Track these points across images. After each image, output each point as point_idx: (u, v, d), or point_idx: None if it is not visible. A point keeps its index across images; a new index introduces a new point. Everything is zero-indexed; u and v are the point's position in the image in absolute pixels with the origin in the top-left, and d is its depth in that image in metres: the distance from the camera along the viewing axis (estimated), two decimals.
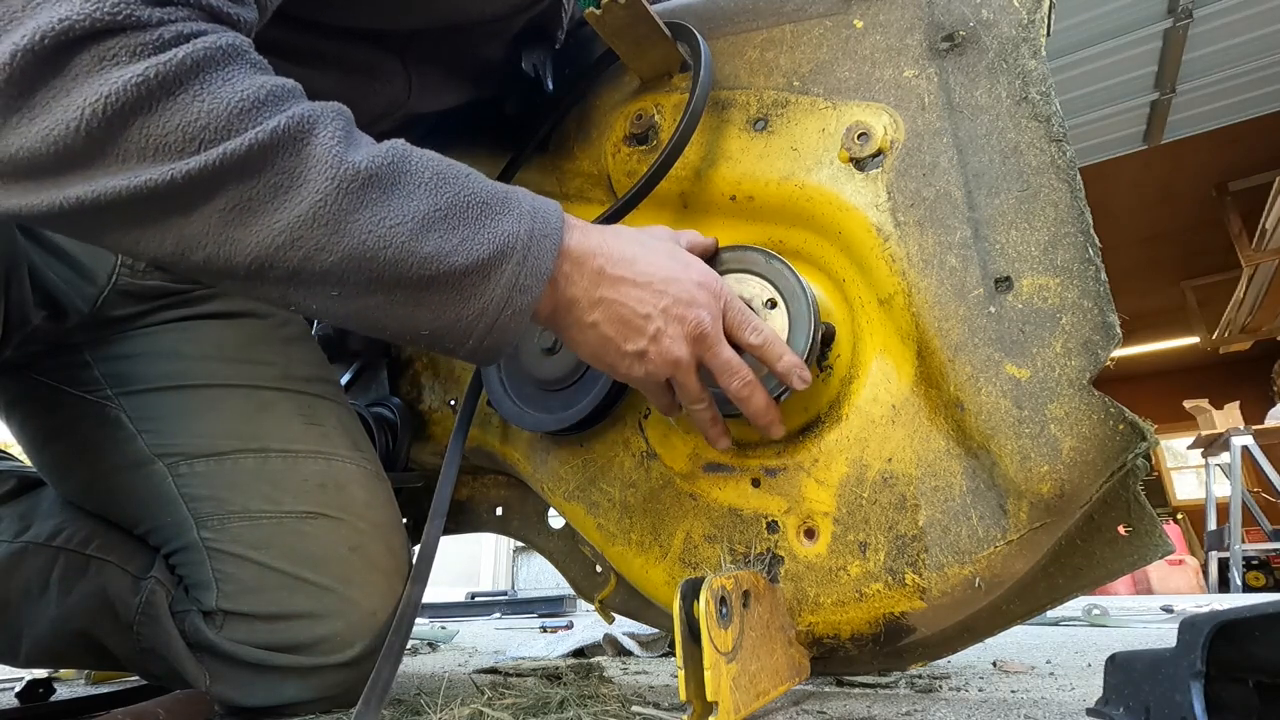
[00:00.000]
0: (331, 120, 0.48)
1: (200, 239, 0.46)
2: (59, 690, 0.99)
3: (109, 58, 0.42)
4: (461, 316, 0.52)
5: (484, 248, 0.51)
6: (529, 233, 0.53)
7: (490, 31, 0.81)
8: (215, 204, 0.45)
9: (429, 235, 0.49)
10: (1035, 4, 0.66)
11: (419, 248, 0.49)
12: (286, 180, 0.45)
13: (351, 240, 0.47)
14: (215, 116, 0.44)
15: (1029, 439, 0.60)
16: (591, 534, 0.83)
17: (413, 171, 0.50)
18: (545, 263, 0.53)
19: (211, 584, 0.71)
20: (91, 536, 0.75)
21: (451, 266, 0.50)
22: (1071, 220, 0.61)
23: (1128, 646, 0.62)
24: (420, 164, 0.51)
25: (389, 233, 0.48)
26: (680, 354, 0.60)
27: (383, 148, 0.50)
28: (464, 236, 0.50)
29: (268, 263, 0.47)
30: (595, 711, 0.63)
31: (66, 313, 0.72)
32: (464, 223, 0.51)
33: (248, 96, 0.45)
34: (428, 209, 0.50)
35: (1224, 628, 0.39)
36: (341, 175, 0.46)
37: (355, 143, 0.49)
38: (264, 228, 0.46)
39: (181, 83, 0.43)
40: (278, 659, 0.70)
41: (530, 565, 5.42)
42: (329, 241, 0.47)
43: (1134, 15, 3.17)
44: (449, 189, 0.51)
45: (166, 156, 0.43)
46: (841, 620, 0.68)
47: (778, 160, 0.75)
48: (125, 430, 0.74)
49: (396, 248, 0.48)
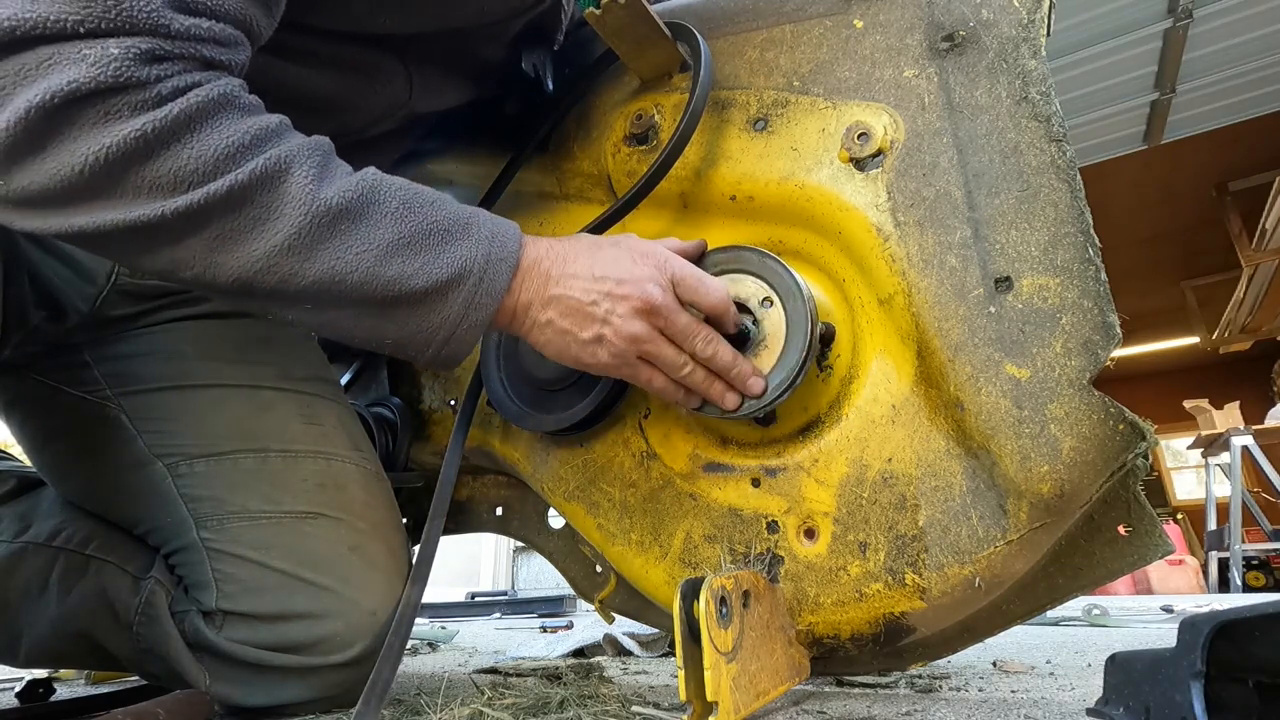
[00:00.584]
0: (307, 158, 0.53)
1: (189, 261, 0.52)
2: (59, 690, 0.99)
3: (112, 113, 0.47)
4: (422, 329, 0.58)
5: (443, 271, 0.57)
6: (485, 256, 0.59)
7: (490, 33, 0.81)
8: (201, 235, 0.51)
9: (393, 260, 0.55)
10: (1035, 4, 0.66)
11: (383, 271, 0.55)
12: (264, 214, 0.52)
13: (321, 266, 0.53)
14: (203, 161, 0.50)
15: (1029, 439, 0.60)
16: (591, 534, 0.83)
17: (380, 202, 0.56)
18: (500, 282, 0.60)
19: (211, 584, 0.71)
20: (91, 536, 0.76)
21: (413, 288, 0.56)
22: (1071, 220, 0.61)
23: (1128, 646, 0.62)
24: (388, 194, 0.57)
25: (356, 259, 0.54)
26: (636, 329, 0.63)
27: (354, 180, 0.55)
28: (425, 261, 0.56)
29: (248, 284, 0.53)
30: (595, 711, 0.63)
31: (66, 312, 0.72)
32: (426, 248, 0.57)
33: (232, 142, 0.51)
34: (392, 237, 0.56)
35: (1224, 628, 0.39)
36: (314, 210, 0.52)
37: (329, 176, 0.55)
38: (244, 255, 0.52)
39: (174, 134, 0.49)
40: (278, 659, 0.70)
41: (530, 565, 5.42)
42: (301, 268, 0.53)
43: (1134, 15, 3.17)
44: (413, 218, 0.57)
45: (159, 195, 0.49)
46: (841, 620, 0.68)
47: (778, 160, 0.75)
48: (125, 430, 0.74)
49: (362, 272, 0.54)
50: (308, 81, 0.71)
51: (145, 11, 0.47)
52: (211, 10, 0.51)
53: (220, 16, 0.52)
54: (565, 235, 0.69)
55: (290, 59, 0.68)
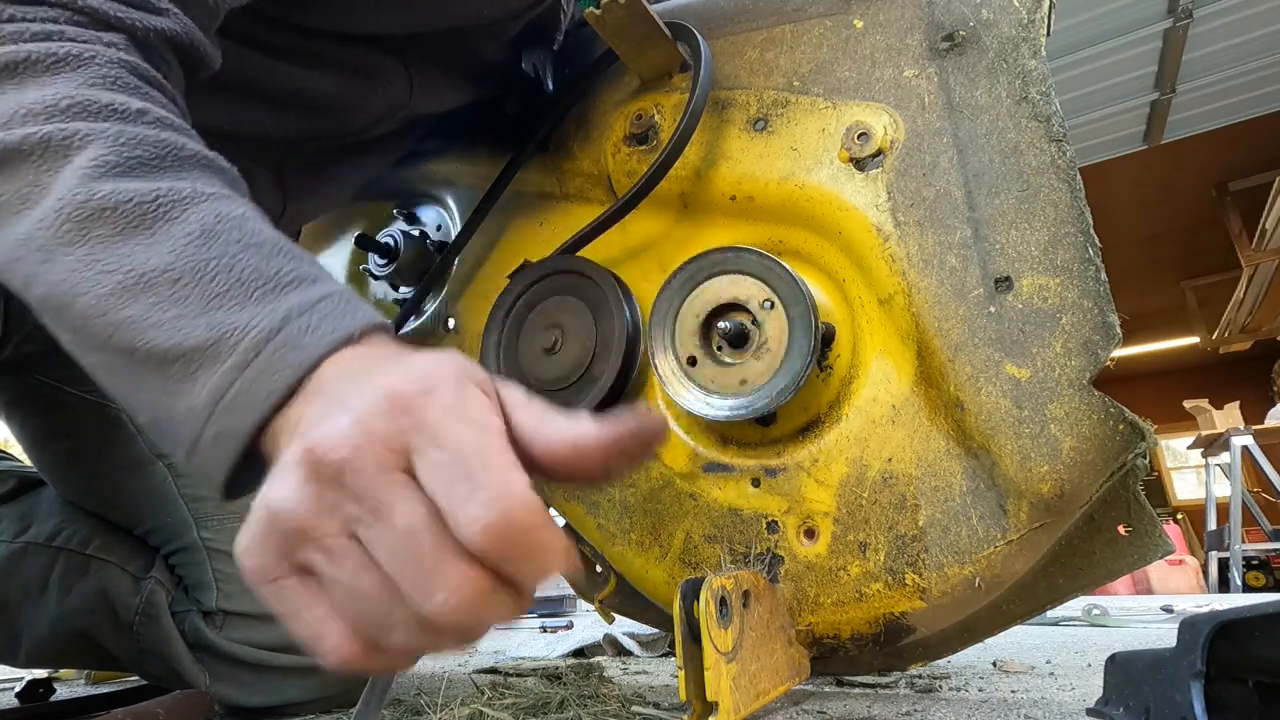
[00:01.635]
0: (118, 145, 0.41)
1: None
2: (59, 690, 0.99)
3: None
4: (168, 416, 0.38)
5: (196, 332, 0.37)
6: (268, 335, 0.36)
7: (490, 33, 0.81)
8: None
9: (140, 297, 0.38)
10: (1035, 4, 0.66)
11: (118, 307, 0.38)
12: (34, 195, 0.40)
13: (56, 274, 0.39)
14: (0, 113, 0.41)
15: (1029, 439, 0.60)
16: (591, 534, 0.83)
17: (178, 219, 0.40)
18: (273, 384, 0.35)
19: (211, 584, 0.71)
20: (91, 536, 0.76)
21: (148, 343, 0.37)
22: (1071, 220, 0.61)
23: (1128, 646, 0.62)
24: (200, 215, 0.40)
25: (94, 278, 0.38)
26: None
27: (165, 186, 0.41)
28: (181, 312, 0.37)
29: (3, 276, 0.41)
30: (595, 711, 0.63)
31: None
32: (195, 297, 0.38)
33: (43, 102, 0.41)
34: (157, 266, 0.38)
35: (1224, 628, 0.39)
36: (70, 200, 0.39)
37: (131, 175, 0.41)
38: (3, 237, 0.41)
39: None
40: (278, 659, 0.70)
41: None
42: (39, 269, 0.39)
43: (1134, 15, 3.17)
44: (204, 251, 0.39)
45: None
46: (841, 620, 0.68)
47: (778, 160, 0.75)
48: (126, 430, 0.74)
49: (92, 299, 0.38)
50: (308, 83, 0.71)
51: None
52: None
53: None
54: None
55: (291, 60, 0.68)
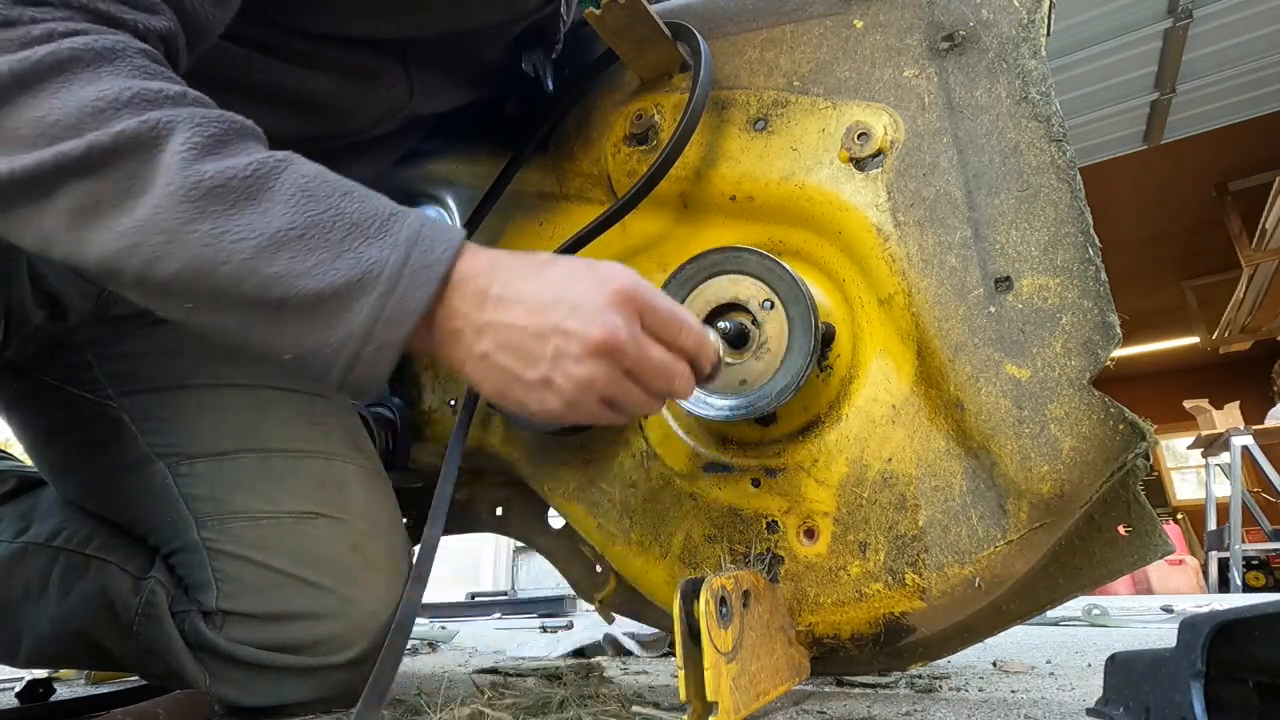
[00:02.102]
0: (195, 127, 0.46)
1: (54, 236, 0.46)
2: (59, 690, 0.99)
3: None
4: (321, 346, 0.47)
5: (341, 273, 0.46)
6: (401, 260, 0.47)
7: (491, 37, 0.81)
8: (60, 202, 0.44)
9: (278, 254, 0.45)
10: (1035, 4, 0.66)
11: (263, 266, 0.45)
12: (135, 186, 0.44)
13: (187, 252, 0.45)
14: (65, 114, 0.43)
15: (1029, 439, 0.60)
16: (591, 534, 0.83)
17: (275, 187, 0.47)
18: (418, 296, 0.48)
19: (211, 584, 0.71)
20: (91, 536, 0.76)
21: (301, 290, 0.46)
22: (1071, 220, 0.61)
23: (1128, 646, 0.62)
24: (289, 178, 0.47)
25: (231, 248, 0.45)
26: (590, 372, 0.50)
27: (249, 159, 0.47)
28: (319, 259, 0.46)
29: (112, 267, 0.45)
30: (595, 711, 0.63)
31: (67, 311, 0.72)
32: (323, 244, 0.46)
33: (105, 97, 0.44)
34: (281, 226, 0.46)
35: (1224, 628, 0.39)
36: (182, 183, 0.44)
37: (221, 154, 0.46)
38: (107, 231, 0.45)
39: (40, 79, 0.43)
40: (278, 659, 0.70)
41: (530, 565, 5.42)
42: (165, 250, 0.45)
43: (1134, 15, 3.17)
44: (313, 207, 0.47)
45: (16, 149, 0.43)
46: (841, 620, 0.68)
47: (778, 160, 0.75)
48: (126, 430, 0.74)
49: (235, 265, 0.45)
50: (308, 84, 0.71)
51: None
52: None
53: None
54: (532, 249, 0.59)
55: (291, 62, 0.68)
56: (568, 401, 0.52)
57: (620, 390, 0.52)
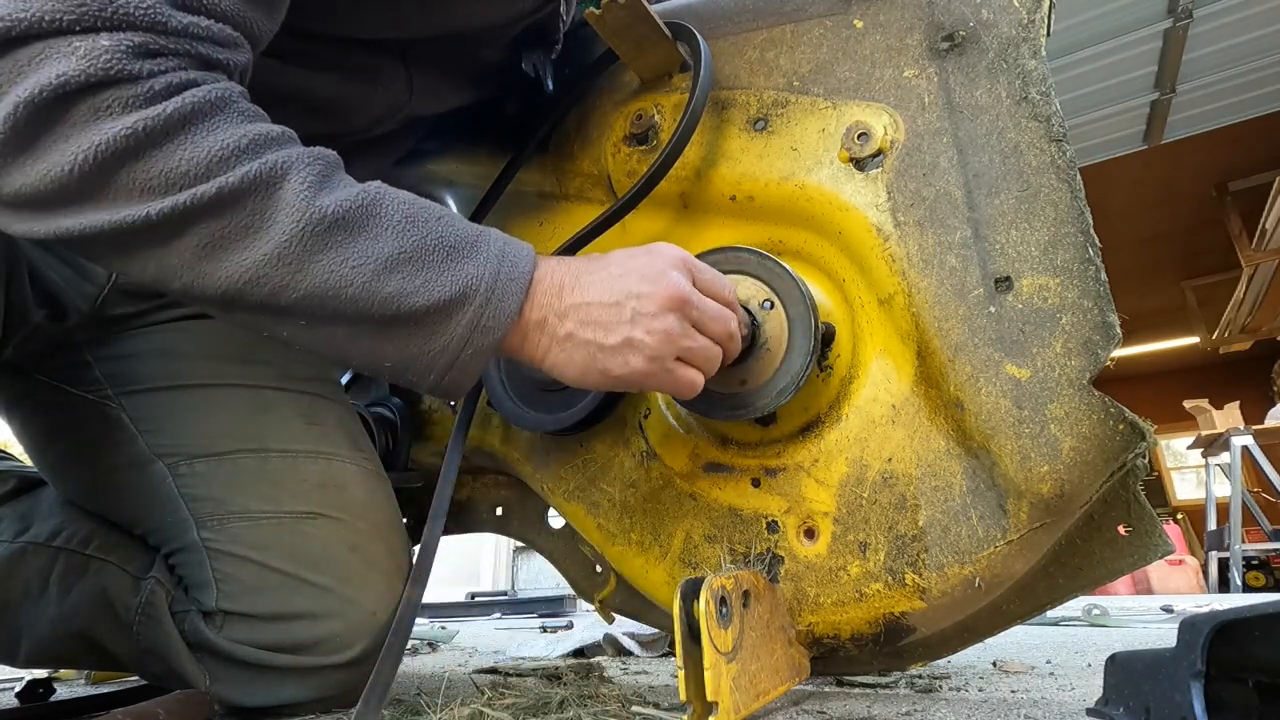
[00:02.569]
0: (306, 166, 0.51)
1: (177, 270, 0.50)
2: (59, 690, 0.99)
3: (103, 109, 0.46)
4: (424, 353, 0.55)
5: (446, 290, 0.53)
6: (494, 276, 0.55)
7: (491, 37, 0.81)
8: (187, 240, 0.49)
9: (392, 276, 0.52)
10: (1035, 4, 0.66)
11: (380, 287, 0.52)
12: (257, 221, 0.49)
13: (314, 280, 0.50)
14: (195, 163, 0.47)
15: (1029, 439, 0.60)
16: (591, 534, 0.83)
17: (382, 215, 0.53)
18: (510, 305, 0.56)
19: (211, 584, 0.71)
20: (91, 536, 0.76)
21: (413, 306, 0.53)
22: (1071, 220, 0.61)
23: (1128, 646, 0.62)
24: (392, 207, 0.54)
25: (351, 273, 0.51)
26: (669, 324, 0.59)
27: (355, 191, 0.53)
28: (427, 278, 0.53)
29: (237, 296, 0.50)
30: (595, 711, 0.63)
31: (67, 312, 0.72)
32: (428, 265, 0.53)
33: (228, 145, 0.48)
34: (392, 251, 0.52)
35: (1224, 628, 0.39)
36: (307, 219, 0.50)
37: (330, 187, 0.52)
38: (233, 264, 0.49)
39: (167, 133, 0.47)
40: (278, 659, 0.70)
41: (530, 565, 5.42)
42: (293, 280, 0.50)
43: (1134, 15, 3.17)
44: (417, 232, 0.54)
45: (149, 197, 0.47)
46: (841, 620, 0.68)
47: (778, 160, 0.75)
48: (126, 430, 0.74)
49: (358, 287, 0.51)
50: (309, 83, 0.71)
51: (140, 8, 0.46)
52: (210, 9, 0.50)
53: (219, 17, 0.51)
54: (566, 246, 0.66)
55: (291, 62, 0.68)
56: (650, 356, 0.59)
57: (693, 341, 0.61)
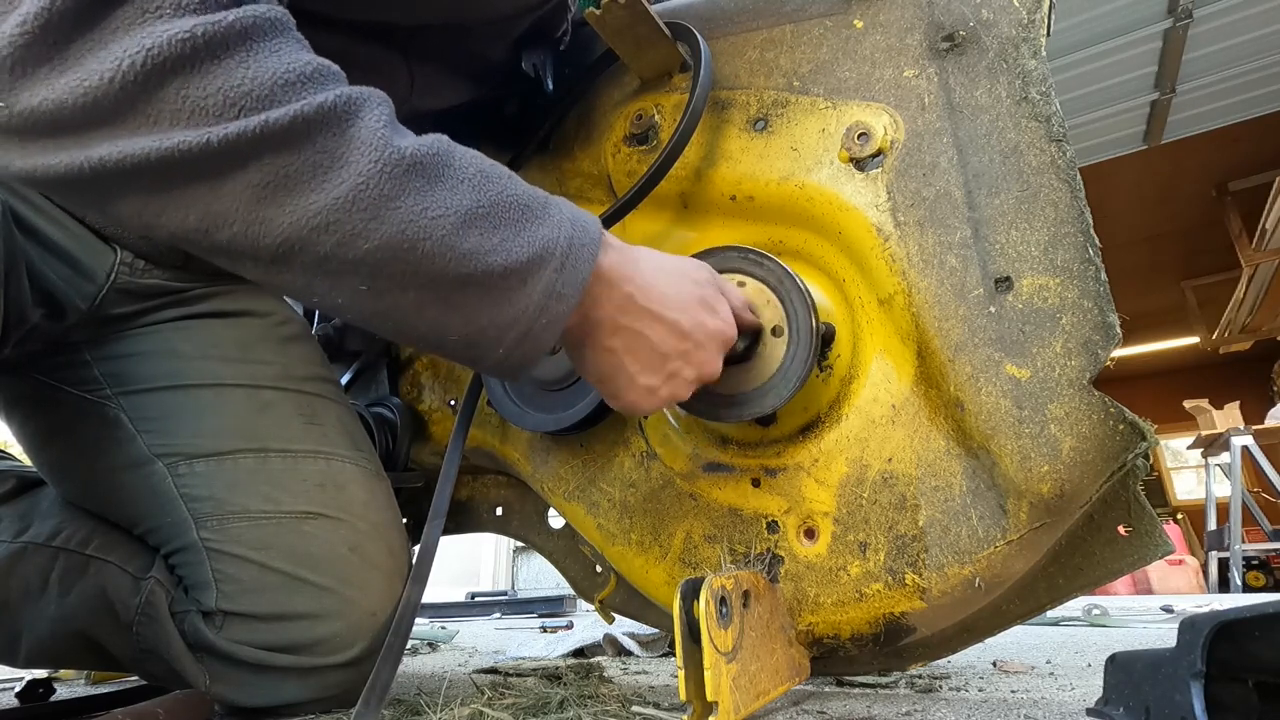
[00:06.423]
0: (379, 104, 0.46)
1: (228, 215, 0.43)
2: (59, 690, 0.99)
3: (152, 10, 0.39)
4: (494, 322, 0.49)
5: (524, 250, 0.49)
6: (569, 240, 0.51)
7: (495, 31, 0.81)
8: (248, 177, 0.42)
9: (470, 231, 0.47)
10: (1035, 4, 0.66)
11: (459, 243, 0.46)
12: (327, 160, 0.43)
13: (391, 228, 0.44)
14: (260, 84, 0.41)
15: (1029, 439, 0.60)
16: (591, 534, 0.83)
17: (457, 165, 0.48)
18: (583, 272, 0.52)
19: (211, 584, 0.71)
20: (91, 536, 0.75)
21: (489, 266, 0.47)
22: (1071, 220, 0.61)
23: (1128, 646, 0.62)
24: (465, 159, 0.49)
25: (431, 224, 0.45)
26: (684, 394, 0.62)
27: (428, 139, 0.48)
28: (504, 237, 0.48)
29: (298, 246, 0.44)
30: (595, 711, 0.63)
31: (65, 311, 0.72)
32: (505, 223, 0.49)
33: (294, 69, 0.42)
34: (471, 204, 0.47)
35: (1224, 628, 0.39)
36: (386, 159, 0.44)
37: (400, 130, 0.47)
38: (299, 207, 0.43)
39: (228, 46, 0.41)
40: (277, 659, 0.70)
41: (530, 565, 5.42)
42: (366, 227, 0.44)
43: (1134, 15, 3.17)
44: (492, 187, 0.49)
45: (203, 120, 0.40)
46: (841, 620, 0.68)
47: (778, 160, 0.75)
48: (125, 430, 0.74)
49: (436, 240, 0.45)
50: None
51: None
52: None
53: None
54: None
55: None
56: (657, 406, 0.60)
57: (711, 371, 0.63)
